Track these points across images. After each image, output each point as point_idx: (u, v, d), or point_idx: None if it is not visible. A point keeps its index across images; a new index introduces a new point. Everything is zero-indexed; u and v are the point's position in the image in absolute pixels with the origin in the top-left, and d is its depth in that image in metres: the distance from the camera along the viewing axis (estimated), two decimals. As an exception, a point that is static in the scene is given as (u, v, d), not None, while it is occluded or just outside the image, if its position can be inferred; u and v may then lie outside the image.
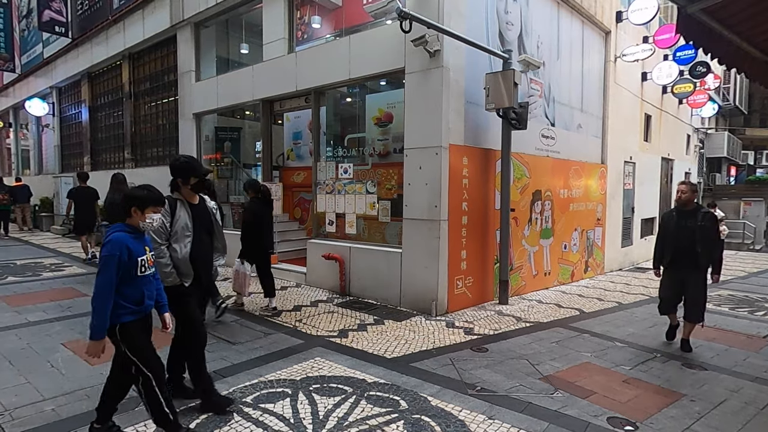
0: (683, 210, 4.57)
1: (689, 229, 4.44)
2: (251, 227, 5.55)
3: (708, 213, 4.51)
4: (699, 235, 4.39)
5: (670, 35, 9.80)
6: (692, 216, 4.48)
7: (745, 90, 22.76)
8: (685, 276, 4.51)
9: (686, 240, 4.44)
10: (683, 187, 4.58)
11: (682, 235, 4.47)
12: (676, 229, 4.53)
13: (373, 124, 6.87)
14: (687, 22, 3.31)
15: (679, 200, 4.59)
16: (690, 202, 4.54)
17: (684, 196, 4.55)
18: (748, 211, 18.62)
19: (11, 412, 3.02)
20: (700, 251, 4.38)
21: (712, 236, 4.45)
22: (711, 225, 4.46)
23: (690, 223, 4.46)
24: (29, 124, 17.36)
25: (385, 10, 4.58)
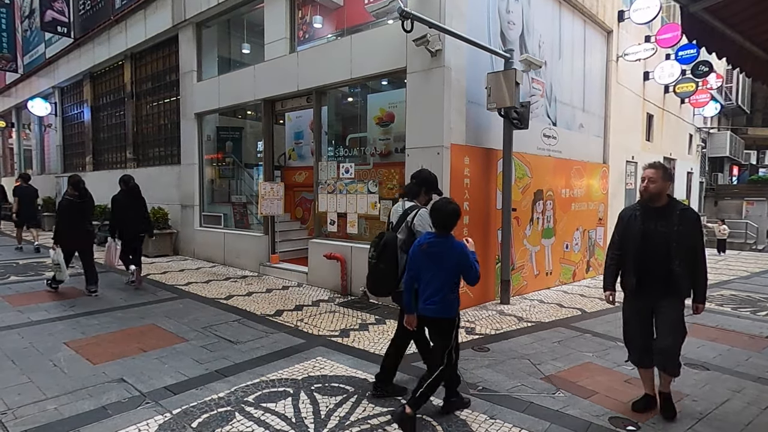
0: (651, 207, 3.07)
1: (661, 236, 2.98)
2: (118, 213, 6.77)
3: (687, 211, 3.07)
4: (676, 244, 2.95)
5: (672, 34, 9.78)
6: (664, 216, 3.01)
7: (748, 89, 22.70)
8: (655, 305, 3.05)
9: (656, 252, 2.99)
10: (651, 173, 3.02)
11: (651, 246, 3.00)
12: (642, 236, 3.02)
13: (375, 124, 6.87)
14: (689, 21, 3.30)
15: (646, 192, 3.05)
16: (661, 194, 3.05)
17: (653, 186, 3.01)
18: (750, 211, 18.59)
19: (14, 410, 3.03)
20: (677, 270, 2.94)
21: (695, 245, 3.03)
22: (692, 229, 3.01)
23: (661, 226, 3.00)
24: (32, 124, 17.40)
25: (386, 10, 4.58)
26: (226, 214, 9.35)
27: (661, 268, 3.00)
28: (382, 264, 3.21)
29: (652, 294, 3.05)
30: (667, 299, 3.01)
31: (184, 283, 7.12)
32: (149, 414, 3.00)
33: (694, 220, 3.08)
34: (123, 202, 6.71)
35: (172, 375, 3.63)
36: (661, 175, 3.02)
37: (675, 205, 3.09)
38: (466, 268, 2.92)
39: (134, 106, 11.44)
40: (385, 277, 3.22)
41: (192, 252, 9.60)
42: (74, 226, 6.19)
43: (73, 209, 6.21)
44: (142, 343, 4.37)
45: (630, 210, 3.22)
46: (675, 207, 3.07)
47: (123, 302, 5.89)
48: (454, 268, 2.91)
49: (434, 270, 2.90)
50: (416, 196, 3.36)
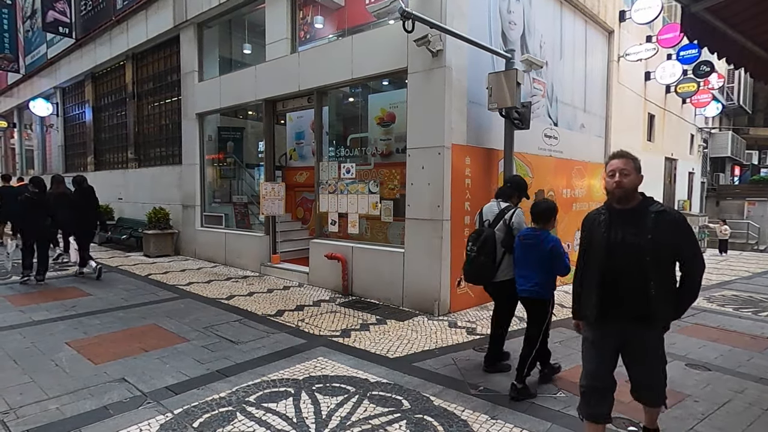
0: (618, 210, 2.41)
1: (630, 248, 2.32)
2: (73, 211, 7.23)
3: (665, 213, 2.34)
4: (651, 258, 2.27)
5: (673, 34, 9.77)
6: (635, 221, 2.35)
7: (750, 89, 22.66)
8: (627, 338, 2.42)
9: (626, 271, 2.33)
10: (621, 164, 2.37)
11: (618, 262, 2.34)
12: (606, 248, 2.37)
13: (376, 124, 6.87)
14: (691, 21, 3.30)
15: (618, 188, 2.36)
16: (632, 192, 2.38)
17: (626, 180, 2.34)
18: (752, 211, 18.56)
19: (16, 410, 3.04)
20: (655, 294, 2.28)
21: (683, 257, 2.37)
22: (674, 236, 2.30)
23: (631, 235, 2.33)
24: (33, 124, 17.44)
25: (387, 10, 4.57)
26: (227, 214, 9.36)
27: (632, 293, 2.30)
28: (482, 257, 3.63)
29: (619, 325, 2.38)
30: (643, 333, 2.38)
31: (186, 283, 7.13)
32: (151, 414, 3.00)
33: (676, 223, 2.30)
34: (77, 202, 7.32)
35: (174, 375, 3.64)
36: (633, 165, 2.35)
37: (648, 205, 2.35)
38: (556, 259, 3.37)
39: (136, 107, 11.45)
40: (483, 268, 3.65)
41: (193, 252, 9.61)
42: (32, 219, 6.79)
43: (32, 205, 6.77)
44: (144, 343, 4.38)
45: (593, 215, 2.51)
46: (648, 209, 2.33)
47: (124, 302, 5.90)
48: (546, 257, 3.37)
49: (530, 258, 3.42)
50: (509, 198, 3.88)
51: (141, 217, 10.45)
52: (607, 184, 2.41)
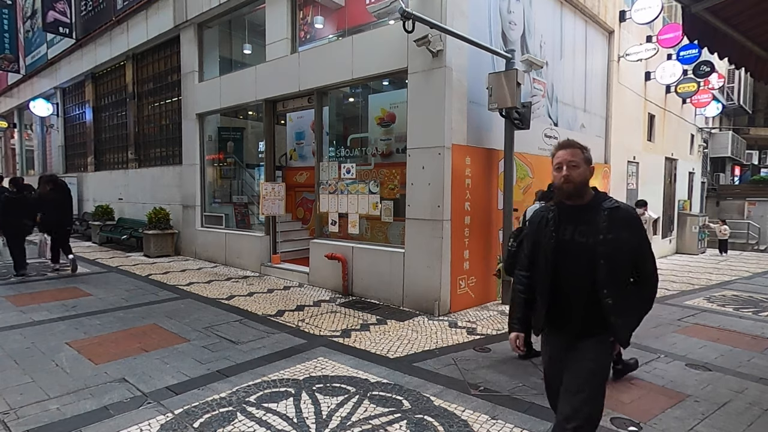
0: (568, 207, 2.12)
1: (581, 250, 2.04)
2: (49, 209, 7.49)
3: (618, 210, 2.03)
4: (605, 261, 1.98)
5: (673, 34, 9.76)
6: (586, 219, 2.05)
7: (750, 89, 22.64)
8: (571, 351, 2.12)
9: (576, 275, 2.05)
10: (569, 154, 2.05)
11: (569, 265, 2.06)
12: (554, 250, 2.09)
13: (376, 124, 6.88)
14: (691, 21, 3.30)
15: (567, 183, 2.05)
16: (583, 187, 2.08)
17: (576, 173, 2.04)
18: (752, 211, 18.55)
19: (16, 410, 3.04)
20: (608, 302, 1.99)
21: (636, 260, 2.05)
22: (629, 236, 2.01)
23: (582, 235, 2.05)
24: (33, 124, 17.45)
25: (387, 11, 4.57)
26: (228, 214, 9.36)
27: (582, 300, 2.02)
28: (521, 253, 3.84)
29: (563, 335, 2.15)
30: (589, 345, 2.05)
31: (186, 283, 7.13)
32: (151, 414, 3.00)
33: (629, 221, 2.02)
34: (52, 200, 7.56)
35: (174, 375, 3.64)
36: (582, 156, 2.05)
37: (601, 201, 2.06)
38: None
39: (136, 107, 11.46)
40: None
41: (193, 252, 9.61)
42: (13, 217, 7.16)
43: (11, 203, 7.18)
44: (144, 343, 4.38)
45: (541, 212, 2.20)
46: (601, 205, 2.04)
47: (125, 302, 5.90)
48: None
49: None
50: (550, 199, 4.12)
51: (141, 217, 10.46)
52: (554, 179, 2.10)
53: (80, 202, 13.85)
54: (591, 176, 2.08)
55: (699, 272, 10.10)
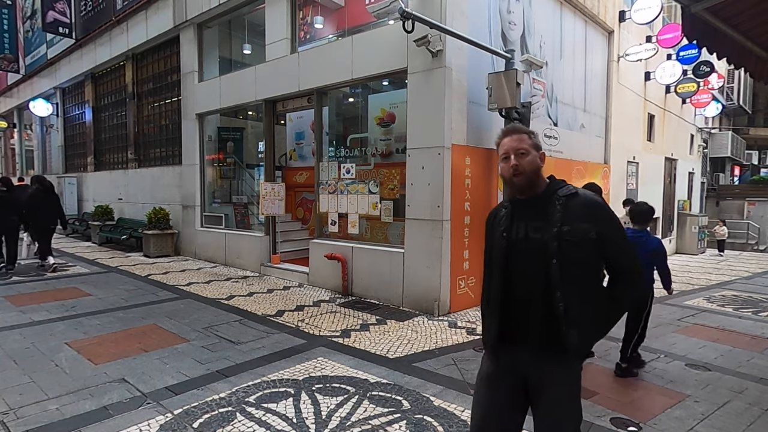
0: (521, 201, 1.82)
1: (536, 247, 1.71)
2: (31, 209, 7.70)
3: (577, 196, 1.72)
4: (557, 261, 1.64)
5: (673, 35, 9.76)
6: (540, 212, 1.74)
7: (749, 89, 22.65)
8: (530, 372, 1.75)
9: (528, 277, 1.72)
10: (515, 141, 1.76)
11: (520, 266, 1.74)
12: (506, 250, 1.77)
13: (376, 124, 6.88)
14: (691, 21, 3.30)
15: (517, 174, 1.74)
16: (536, 177, 1.77)
17: (526, 161, 1.74)
18: (752, 212, 18.55)
19: (16, 410, 3.04)
20: (562, 309, 1.63)
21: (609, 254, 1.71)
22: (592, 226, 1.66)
23: (535, 230, 1.73)
24: (33, 124, 17.44)
25: (387, 11, 4.57)
26: (227, 214, 9.36)
27: (535, 307, 1.68)
28: None
29: (523, 352, 1.73)
30: (550, 365, 1.69)
31: (186, 283, 7.13)
32: (150, 414, 3.00)
33: (590, 209, 1.68)
34: (39, 199, 7.78)
35: (174, 375, 3.64)
36: (530, 142, 1.75)
37: (556, 189, 1.74)
38: (659, 257, 3.81)
39: (135, 107, 11.46)
40: None
41: (193, 252, 9.61)
42: (1, 215, 7.41)
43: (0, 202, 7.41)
44: (144, 343, 4.38)
45: (495, 210, 1.94)
46: (556, 193, 1.72)
47: (124, 302, 5.90)
48: (648, 255, 3.74)
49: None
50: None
51: (141, 217, 10.46)
52: (502, 171, 1.79)
53: (80, 202, 13.86)
54: (543, 164, 1.78)
55: (699, 272, 10.10)
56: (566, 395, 1.73)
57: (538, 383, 1.73)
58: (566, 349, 1.65)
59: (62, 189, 13.74)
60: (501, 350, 1.80)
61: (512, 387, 1.78)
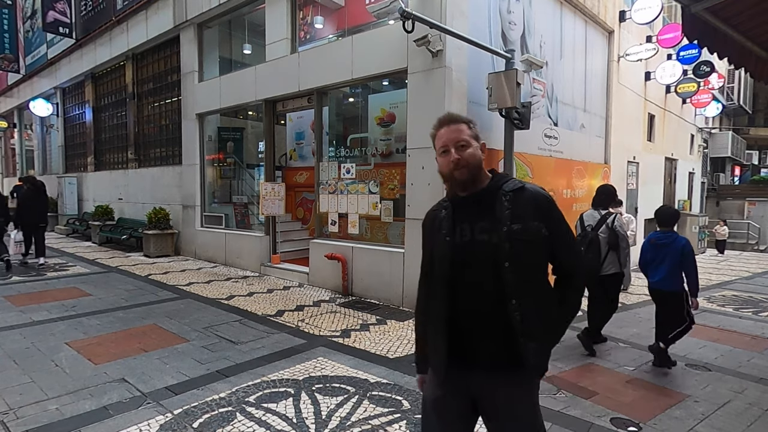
0: (462, 199, 1.61)
1: (482, 249, 1.50)
2: (22, 208, 8.16)
3: (524, 191, 1.55)
4: (510, 263, 1.45)
5: (673, 34, 9.75)
6: (485, 209, 1.54)
7: (750, 89, 22.65)
8: (483, 397, 1.55)
9: (476, 284, 1.51)
10: (454, 133, 1.56)
11: (467, 271, 1.52)
12: (449, 254, 1.55)
13: (376, 124, 6.88)
14: (691, 21, 3.30)
15: (459, 168, 1.54)
16: (478, 171, 1.58)
17: (467, 153, 1.54)
18: (752, 212, 18.55)
19: (16, 410, 3.04)
20: (517, 316, 1.44)
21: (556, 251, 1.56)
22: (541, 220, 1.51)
23: (482, 230, 1.52)
24: (33, 124, 17.44)
25: (387, 10, 4.57)
26: (227, 214, 9.36)
27: (487, 320, 1.49)
28: (589, 254, 4.33)
29: (473, 372, 1.53)
30: (505, 383, 1.51)
31: (186, 283, 7.13)
32: (150, 414, 3.00)
33: (539, 204, 1.54)
34: (31, 198, 8.15)
35: (174, 375, 3.64)
36: (470, 132, 1.57)
37: (501, 184, 1.57)
38: (687, 257, 3.92)
39: (136, 107, 11.46)
40: (592, 264, 4.32)
41: (193, 252, 9.61)
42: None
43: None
44: (144, 343, 4.38)
45: (433, 212, 1.74)
46: (502, 188, 1.55)
47: (124, 302, 5.90)
48: (677, 255, 3.92)
49: (662, 257, 3.99)
50: (605, 206, 4.52)
51: (141, 217, 10.46)
52: (441, 167, 1.59)
53: (80, 202, 13.86)
54: (484, 156, 1.60)
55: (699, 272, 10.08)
56: (526, 416, 1.54)
57: (492, 406, 1.54)
58: (523, 366, 1.47)
59: (62, 189, 13.76)
60: (448, 373, 1.56)
61: (464, 413, 1.58)
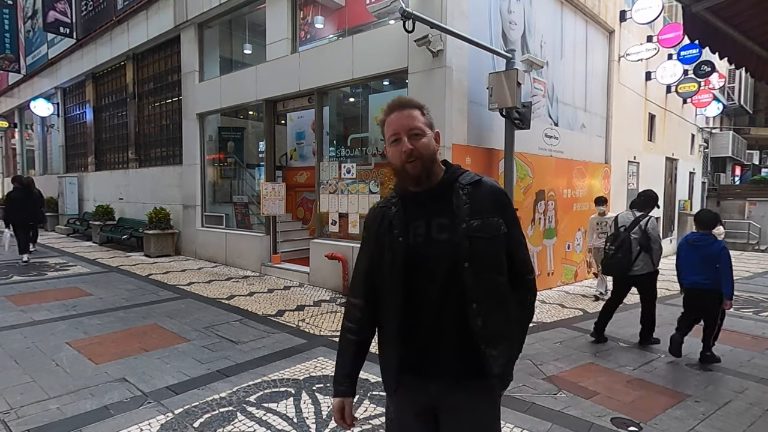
0: (415, 195, 1.43)
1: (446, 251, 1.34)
2: (10, 207, 8.46)
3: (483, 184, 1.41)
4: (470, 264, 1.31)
5: (674, 34, 9.75)
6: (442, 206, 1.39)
7: (750, 89, 22.63)
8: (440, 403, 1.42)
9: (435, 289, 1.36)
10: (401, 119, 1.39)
11: (424, 276, 1.37)
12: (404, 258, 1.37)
13: (376, 124, 6.83)
14: (692, 21, 3.29)
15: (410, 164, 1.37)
16: (433, 163, 1.40)
17: (421, 143, 1.37)
18: (753, 212, 18.52)
19: (16, 410, 3.04)
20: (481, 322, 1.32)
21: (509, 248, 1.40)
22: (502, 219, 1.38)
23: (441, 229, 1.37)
24: (34, 124, 17.45)
25: (388, 10, 4.57)
26: (228, 214, 9.36)
27: (445, 326, 1.36)
28: (619, 254, 4.58)
29: (431, 384, 1.40)
30: (466, 395, 1.39)
31: (186, 283, 7.13)
32: (151, 414, 3.00)
33: (498, 198, 1.40)
34: (17, 198, 8.46)
35: (174, 375, 3.64)
36: (424, 119, 1.40)
37: (457, 177, 1.42)
38: (724, 257, 4.04)
39: (136, 107, 11.46)
40: (620, 263, 4.60)
41: (194, 252, 9.62)
42: None
43: None
44: (144, 343, 4.38)
45: (379, 210, 1.49)
46: (458, 181, 1.41)
47: (125, 302, 5.90)
48: (712, 256, 4.07)
49: (698, 257, 4.15)
50: (643, 208, 4.73)
51: (142, 217, 10.46)
52: (392, 158, 1.43)
53: (81, 201, 13.86)
54: (438, 147, 1.43)
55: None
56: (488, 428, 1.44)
57: (452, 418, 1.41)
58: (486, 376, 1.35)
59: (63, 189, 13.76)
60: (405, 386, 1.44)
61: (424, 421, 1.46)
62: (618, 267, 4.64)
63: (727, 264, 4.05)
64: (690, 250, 4.24)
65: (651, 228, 4.56)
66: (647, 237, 4.50)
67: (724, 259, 4.03)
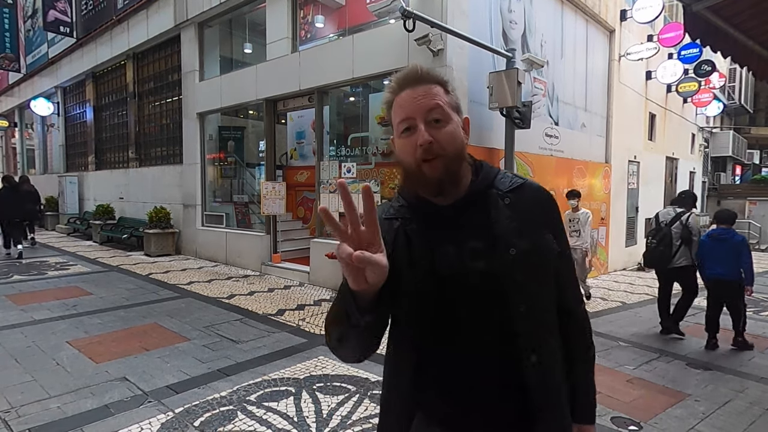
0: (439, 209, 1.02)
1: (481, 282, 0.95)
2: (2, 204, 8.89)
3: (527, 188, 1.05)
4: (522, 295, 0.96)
5: (674, 34, 9.73)
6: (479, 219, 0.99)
7: (751, 89, 22.61)
8: None
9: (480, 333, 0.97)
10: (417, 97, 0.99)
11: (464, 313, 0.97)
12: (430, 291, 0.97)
13: (377, 124, 6.87)
14: (693, 20, 3.29)
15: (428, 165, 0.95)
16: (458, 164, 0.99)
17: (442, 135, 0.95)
18: (753, 211, 18.51)
19: (17, 409, 3.04)
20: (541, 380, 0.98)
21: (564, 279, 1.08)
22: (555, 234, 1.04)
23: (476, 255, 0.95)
24: (34, 123, 17.46)
25: (388, 10, 4.57)
26: (228, 213, 9.37)
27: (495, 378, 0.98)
28: (661, 247, 4.89)
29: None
30: None
31: (186, 282, 7.14)
32: (151, 413, 3.01)
33: (546, 207, 1.07)
34: (4, 196, 8.92)
35: (175, 374, 3.64)
36: (447, 99, 1.03)
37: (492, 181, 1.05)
38: (744, 250, 4.46)
39: (136, 106, 11.46)
40: (662, 256, 4.92)
41: (194, 251, 9.62)
42: None
43: None
44: (145, 342, 4.39)
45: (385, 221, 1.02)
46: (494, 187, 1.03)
47: (125, 301, 5.91)
48: (734, 249, 4.44)
49: (722, 250, 4.49)
50: (684, 205, 5.11)
51: (142, 216, 10.47)
52: (402, 155, 1.02)
53: (81, 201, 13.87)
54: (468, 138, 1.04)
55: (700, 272, 10.07)
56: None
57: None
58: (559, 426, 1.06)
59: (63, 188, 13.77)
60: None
61: None
62: (660, 259, 4.97)
63: (749, 254, 4.46)
64: (714, 244, 4.57)
65: (692, 223, 4.91)
66: (688, 230, 4.84)
67: (746, 250, 4.46)
